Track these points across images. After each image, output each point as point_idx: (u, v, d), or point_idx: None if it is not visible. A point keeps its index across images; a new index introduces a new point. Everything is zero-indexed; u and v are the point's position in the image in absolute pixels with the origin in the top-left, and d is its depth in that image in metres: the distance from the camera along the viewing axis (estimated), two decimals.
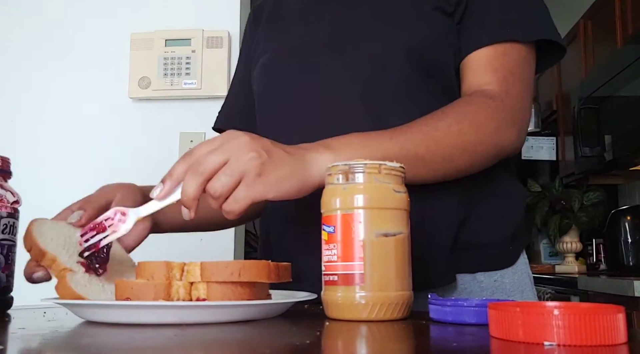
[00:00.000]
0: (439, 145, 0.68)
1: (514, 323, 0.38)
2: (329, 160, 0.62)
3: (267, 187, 0.59)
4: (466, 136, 0.70)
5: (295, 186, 0.61)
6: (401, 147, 0.67)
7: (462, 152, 0.70)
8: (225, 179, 0.57)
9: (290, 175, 0.60)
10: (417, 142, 0.67)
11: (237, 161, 0.57)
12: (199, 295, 0.55)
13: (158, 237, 1.70)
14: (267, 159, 0.59)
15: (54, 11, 1.84)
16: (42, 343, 0.43)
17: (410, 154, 0.67)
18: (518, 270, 0.79)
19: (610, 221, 2.61)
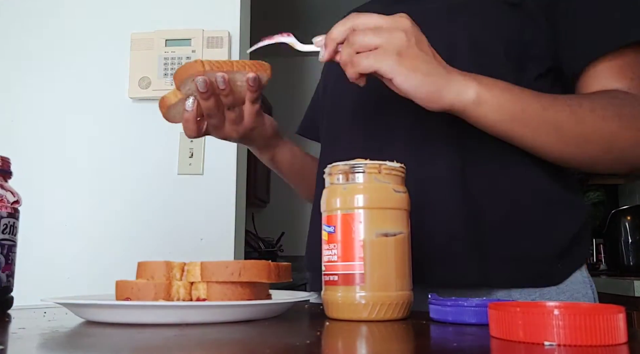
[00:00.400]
0: (580, 123, 0.64)
1: (514, 323, 0.38)
2: (473, 89, 0.61)
3: (399, 67, 0.58)
4: (609, 125, 0.64)
5: (426, 88, 0.60)
6: (544, 107, 0.63)
7: (600, 140, 0.64)
8: (369, 35, 0.58)
9: (427, 73, 0.59)
10: (559, 109, 0.64)
11: (387, 29, 0.58)
12: (199, 294, 0.55)
13: (158, 237, 1.70)
14: (414, 45, 0.59)
15: (54, 11, 1.84)
16: (42, 343, 0.43)
17: (549, 119, 0.63)
18: (567, 290, 0.72)
19: (611, 221, 2.62)
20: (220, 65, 0.69)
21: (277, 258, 3.52)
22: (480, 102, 0.62)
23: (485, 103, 0.62)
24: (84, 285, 1.61)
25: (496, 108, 0.63)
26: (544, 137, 0.65)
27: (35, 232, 1.66)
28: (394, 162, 0.57)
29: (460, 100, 0.61)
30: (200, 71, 0.68)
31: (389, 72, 0.59)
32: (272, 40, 0.69)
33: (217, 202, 1.67)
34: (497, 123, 0.64)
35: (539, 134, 0.64)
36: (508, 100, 0.63)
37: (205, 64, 0.69)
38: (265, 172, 3.71)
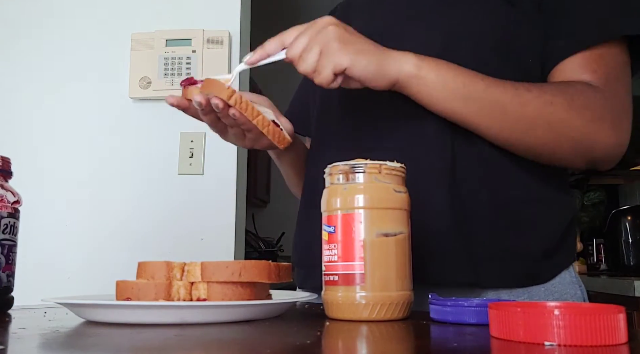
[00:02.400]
0: (524, 106, 0.64)
1: (515, 323, 0.38)
2: (411, 62, 0.65)
3: (345, 55, 0.63)
4: (557, 111, 0.65)
5: (373, 65, 0.64)
6: (487, 85, 0.65)
7: (547, 125, 0.65)
8: (310, 56, 0.64)
9: (369, 52, 0.64)
10: (504, 91, 0.65)
11: (318, 34, 0.63)
12: (199, 294, 0.55)
13: (158, 237, 1.70)
14: (345, 32, 0.64)
15: (54, 11, 1.84)
16: (43, 343, 0.43)
17: (493, 99, 0.65)
18: (555, 290, 0.72)
19: (611, 222, 2.61)
20: (246, 107, 0.68)
21: (278, 258, 3.51)
22: (421, 75, 0.65)
23: (425, 76, 0.65)
24: (84, 285, 1.61)
25: (437, 81, 0.65)
26: (487, 117, 0.66)
27: (36, 232, 1.66)
28: (394, 162, 0.57)
29: (402, 72, 0.65)
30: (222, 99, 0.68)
31: (341, 63, 0.63)
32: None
33: (217, 202, 1.67)
34: (439, 100, 0.66)
35: (482, 114, 0.66)
36: (449, 75, 0.65)
37: (233, 98, 0.67)
38: (265, 172, 3.71)
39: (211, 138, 1.67)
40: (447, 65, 0.66)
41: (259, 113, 0.69)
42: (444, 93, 0.65)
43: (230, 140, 0.79)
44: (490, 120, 0.66)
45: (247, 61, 0.69)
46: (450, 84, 0.65)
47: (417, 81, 0.65)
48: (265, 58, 0.68)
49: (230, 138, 0.79)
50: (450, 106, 0.66)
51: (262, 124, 0.69)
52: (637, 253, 2.47)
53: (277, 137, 0.71)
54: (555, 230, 0.73)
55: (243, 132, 0.76)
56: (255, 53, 0.68)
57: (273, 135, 0.70)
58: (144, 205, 1.70)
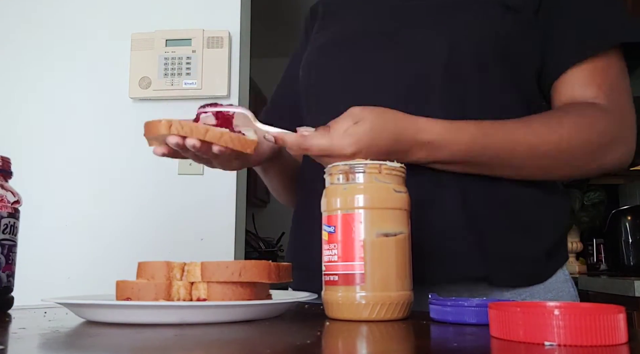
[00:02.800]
0: (540, 158, 0.68)
1: (515, 323, 0.38)
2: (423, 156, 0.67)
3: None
4: (573, 151, 0.68)
5: None
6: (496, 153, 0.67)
7: (564, 165, 0.70)
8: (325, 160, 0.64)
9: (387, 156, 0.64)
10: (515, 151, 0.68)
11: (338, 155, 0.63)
12: (199, 295, 0.55)
13: (158, 237, 1.70)
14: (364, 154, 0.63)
15: (54, 12, 1.84)
16: (43, 343, 0.43)
17: (504, 162, 0.68)
18: (553, 288, 0.74)
19: (611, 221, 2.61)
20: (190, 129, 0.63)
21: (278, 258, 3.51)
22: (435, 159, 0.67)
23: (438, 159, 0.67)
24: (84, 285, 1.61)
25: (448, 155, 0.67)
26: (499, 169, 0.70)
27: (36, 232, 1.66)
28: (394, 162, 0.57)
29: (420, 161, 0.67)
30: (163, 134, 0.63)
31: None
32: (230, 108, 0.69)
33: (217, 202, 1.68)
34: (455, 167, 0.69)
35: (493, 169, 0.70)
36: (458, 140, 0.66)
37: (172, 128, 0.62)
38: None
39: None
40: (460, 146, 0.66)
41: (207, 129, 0.63)
42: (457, 168, 0.69)
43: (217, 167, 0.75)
44: (506, 174, 0.70)
45: (266, 137, 0.66)
46: (464, 161, 0.68)
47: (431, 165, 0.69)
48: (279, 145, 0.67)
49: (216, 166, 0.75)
50: (466, 169, 0.69)
51: (215, 137, 0.63)
52: (637, 253, 2.47)
53: (239, 144, 0.65)
54: (556, 231, 0.75)
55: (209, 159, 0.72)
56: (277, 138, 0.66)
57: (233, 143, 0.65)
58: (144, 205, 1.70)
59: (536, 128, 0.69)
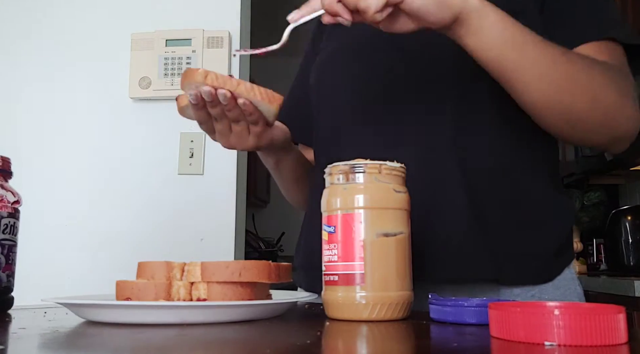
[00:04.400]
0: (573, 64, 0.65)
1: (515, 323, 0.38)
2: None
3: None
4: (597, 76, 0.66)
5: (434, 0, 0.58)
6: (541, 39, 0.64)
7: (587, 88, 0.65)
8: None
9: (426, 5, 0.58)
10: (554, 46, 0.65)
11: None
12: (199, 294, 0.55)
13: (158, 237, 1.70)
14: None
15: (55, 12, 1.84)
16: (43, 343, 0.43)
17: (545, 52, 0.64)
18: (560, 286, 0.74)
19: (611, 221, 2.61)
20: (224, 81, 0.66)
21: (278, 258, 3.51)
22: (485, 11, 0.61)
23: (488, 14, 0.62)
24: (84, 285, 1.61)
25: (498, 21, 0.62)
26: (536, 68, 0.63)
27: (36, 232, 1.66)
28: (394, 162, 0.57)
29: (467, 4, 0.60)
30: (199, 82, 0.66)
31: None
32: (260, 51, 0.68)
33: (217, 202, 1.67)
34: (496, 42, 0.62)
35: (532, 64, 0.63)
36: (508, 19, 0.63)
37: (208, 78, 0.66)
38: (266, 172, 3.70)
39: None
40: (504, 13, 0.64)
41: (239, 82, 0.67)
42: (501, 35, 0.62)
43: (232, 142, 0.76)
44: (538, 74, 0.64)
45: (291, 18, 0.63)
46: (510, 28, 0.62)
47: (478, 17, 0.61)
48: (310, 13, 0.62)
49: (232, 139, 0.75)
50: (504, 52, 0.63)
51: (246, 90, 0.67)
52: (637, 253, 2.46)
53: (266, 96, 0.68)
54: (563, 229, 0.75)
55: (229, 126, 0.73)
56: (302, 9, 0.63)
57: (261, 96, 0.67)
58: (144, 205, 1.70)
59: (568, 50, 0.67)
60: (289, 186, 0.96)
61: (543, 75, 0.64)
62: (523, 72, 0.64)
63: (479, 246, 0.70)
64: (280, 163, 0.90)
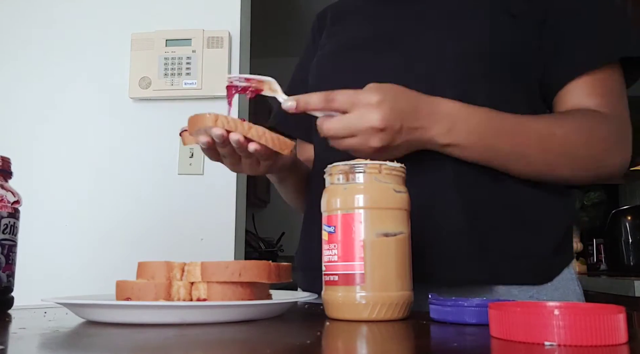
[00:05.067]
0: (546, 152, 0.69)
1: (515, 323, 0.38)
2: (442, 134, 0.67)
3: (382, 156, 0.64)
4: (577, 149, 0.70)
5: (404, 152, 0.67)
6: (513, 137, 0.68)
7: (569, 162, 0.70)
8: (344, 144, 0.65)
9: (402, 147, 0.66)
10: (529, 140, 0.69)
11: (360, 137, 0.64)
12: (199, 295, 0.55)
13: (158, 237, 1.70)
14: (390, 140, 0.64)
15: (54, 12, 1.84)
16: (43, 343, 0.43)
17: (519, 151, 0.69)
18: (560, 286, 0.74)
19: (611, 222, 2.61)
20: (235, 124, 0.65)
21: (278, 258, 3.52)
22: (452, 143, 0.68)
23: (455, 143, 0.68)
24: (84, 285, 1.61)
25: (466, 144, 0.68)
26: (513, 166, 0.70)
27: (36, 232, 1.66)
28: (394, 162, 0.57)
29: (435, 146, 0.68)
30: (209, 126, 0.65)
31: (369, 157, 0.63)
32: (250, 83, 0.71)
33: (217, 202, 1.68)
34: (468, 157, 0.69)
35: (508, 164, 0.70)
36: (476, 136, 0.68)
37: (219, 121, 0.65)
38: None
39: None
40: (477, 122, 0.68)
41: (250, 127, 0.66)
42: (472, 153, 0.69)
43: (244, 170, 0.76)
44: (515, 168, 0.71)
45: (287, 107, 0.67)
46: (479, 144, 0.68)
47: (448, 149, 0.68)
48: (305, 110, 0.67)
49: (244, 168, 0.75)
50: (478, 159, 0.70)
51: (257, 135, 0.66)
52: (637, 253, 2.47)
53: (278, 144, 0.67)
54: (561, 229, 0.75)
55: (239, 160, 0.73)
56: (299, 102, 0.66)
57: (273, 143, 0.67)
58: (144, 205, 1.70)
59: (545, 121, 0.71)
60: (291, 197, 0.96)
61: (518, 169, 0.71)
62: (504, 166, 0.71)
63: (473, 247, 0.70)
64: (284, 181, 0.90)
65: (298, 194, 0.94)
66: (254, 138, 0.65)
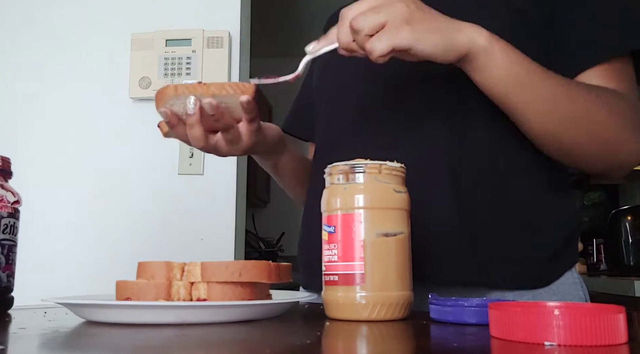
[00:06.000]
0: (574, 102, 0.65)
1: (515, 323, 0.38)
2: (484, 36, 0.62)
3: (414, 35, 0.59)
4: (600, 112, 0.66)
5: (442, 43, 0.60)
6: (547, 77, 0.65)
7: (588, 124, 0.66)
8: (371, 17, 0.59)
9: (438, 29, 0.60)
10: (559, 83, 0.65)
11: (385, 6, 0.59)
12: (199, 295, 0.55)
13: (158, 237, 1.70)
14: (417, 10, 0.60)
15: (54, 12, 1.84)
16: (43, 343, 0.43)
17: (549, 91, 0.65)
18: (558, 291, 0.72)
19: (611, 222, 2.61)
20: (194, 88, 0.65)
21: (278, 258, 3.52)
22: (491, 51, 0.63)
23: (494, 53, 0.63)
24: (84, 285, 1.61)
25: (504, 61, 0.63)
26: (539, 105, 0.65)
27: (36, 232, 1.66)
28: (394, 162, 0.57)
29: (474, 46, 0.62)
30: (172, 96, 0.65)
31: (405, 43, 0.59)
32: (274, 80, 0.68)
33: (217, 202, 1.67)
34: (500, 81, 0.64)
35: (534, 102, 0.65)
36: (515, 58, 0.64)
37: (179, 88, 0.65)
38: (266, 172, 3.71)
39: None
40: (514, 49, 0.65)
41: (209, 85, 0.65)
42: (506, 74, 0.64)
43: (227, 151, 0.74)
44: (540, 111, 0.66)
45: (310, 50, 0.65)
46: (516, 68, 0.64)
47: (485, 56, 0.63)
48: (328, 44, 0.65)
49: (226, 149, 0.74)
50: (508, 90, 0.65)
51: (218, 88, 0.65)
52: (637, 253, 2.46)
53: (237, 88, 0.66)
54: (560, 234, 0.73)
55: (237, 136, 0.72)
56: (320, 41, 0.65)
57: (233, 89, 0.65)
58: (144, 205, 1.70)
59: (573, 84, 0.68)
60: (291, 186, 0.96)
61: (545, 112, 0.66)
62: (526, 108, 0.66)
63: (468, 249, 0.69)
64: (278, 165, 0.90)
65: (296, 181, 0.94)
66: (215, 92, 0.65)
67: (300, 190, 0.97)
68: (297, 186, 0.96)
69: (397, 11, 0.59)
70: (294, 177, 0.94)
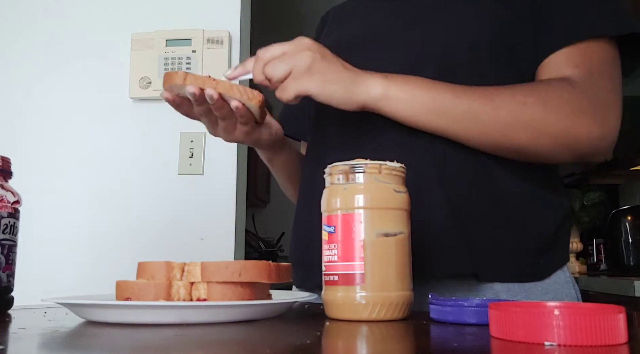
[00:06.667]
0: (497, 110, 0.66)
1: (515, 323, 0.38)
2: (380, 85, 0.66)
3: (312, 83, 0.65)
4: (531, 110, 0.66)
5: (339, 93, 0.66)
6: (455, 96, 0.66)
7: (523, 126, 0.66)
8: (279, 66, 0.65)
9: (337, 80, 0.66)
10: (473, 98, 0.66)
11: (292, 54, 0.65)
12: (199, 295, 0.55)
13: (159, 237, 1.70)
14: (319, 60, 0.65)
15: (54, 12, 1.84)
16: (43, 343, 0.43)
17: (463, 108, 0.66)
18: (550, 290, 0.73)
19: (611, 221, 2.61)
20: (203, 81, 0.67)
21: (278, 258, 3.51)
22: (389, 96, 0.67)
23: (393, 97, 0.67)
24: (84, 285, 1.61)
25: (405, 100, 0.67)
26: (460, 127, 0.68)
27: (36, 232, 1.66)
28: (394, 162, 0.57)
29: (370, 97, 0.66)
30: (179, 84, 0.67)
31: (307, 91, 0.65)
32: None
33: (217, 202, 1.67)
34: (410, 115, 0.68)
35: (455, 124, 0.68)
36: (416, 91, 0.67)
37: (187, 79, 0.67)
38: (266, 172, 3.71)
39: (211, 138, 1.68)
40: (416, 81, 0.68)
41: (217, 82, 0.68)
42: (413, 109, 0.67)
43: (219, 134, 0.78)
44: (464, 129, 0.68)
45: (227, 76, 0.71)
46: (419, 100, 0.67)
47: (385, 102, 0.67)
48: (244, 74, 0.70)
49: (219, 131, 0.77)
50: (422, 120, 0.68)
51: (226, 88, 0.67)
52: (637, 253, 2.46)
53: (245, 95, 0.68)
54: (547, 229, 0.74)
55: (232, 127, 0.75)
56: (236, 69, 0.70)
57: (240, 94, 0.68)
58: (144, 205, 1.70)
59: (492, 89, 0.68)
60: (283, 181, 0.98)
61: (466, 129, 0.68)
62: (447, 130, 0.68)
63: (457, 241, 0.69)
64: (272, 160, 0.92)
65: (287, 178, 0.96)
66: (222, 91, 0.67)
67: (292, 188, 0.97)
68: (288, 184, 0.97)
69: (302, 61, 0.65)
70: (286, 174, 0.95)
